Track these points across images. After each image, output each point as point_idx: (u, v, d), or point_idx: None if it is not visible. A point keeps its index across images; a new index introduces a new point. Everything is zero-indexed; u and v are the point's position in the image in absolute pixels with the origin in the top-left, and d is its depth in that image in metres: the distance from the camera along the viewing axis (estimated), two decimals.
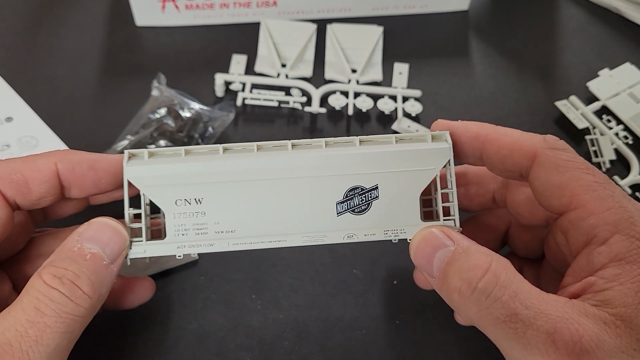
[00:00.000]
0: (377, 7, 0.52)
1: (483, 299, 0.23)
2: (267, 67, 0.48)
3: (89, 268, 0.24)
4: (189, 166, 0.27)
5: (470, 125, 0.28)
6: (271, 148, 0.27)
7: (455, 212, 0.27)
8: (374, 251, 0.38)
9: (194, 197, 0.27)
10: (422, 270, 0.26)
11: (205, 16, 0.51)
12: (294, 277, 0.37)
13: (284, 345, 0.35)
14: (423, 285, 0.32)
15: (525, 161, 0.26)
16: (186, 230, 0.27)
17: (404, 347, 0.35)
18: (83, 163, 0.27)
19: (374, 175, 0.27)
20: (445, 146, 0.27)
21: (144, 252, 0.27)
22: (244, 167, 0.27)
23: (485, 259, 0.24)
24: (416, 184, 0.27)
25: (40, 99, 0.46)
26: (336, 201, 0.27)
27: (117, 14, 0.52)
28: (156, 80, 0.45)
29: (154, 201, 0.27)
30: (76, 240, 0.25)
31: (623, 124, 0.45)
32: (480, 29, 0.53)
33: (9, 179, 0.26)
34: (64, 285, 0.23)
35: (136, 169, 0.27)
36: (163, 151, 0.27)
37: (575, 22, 0.53)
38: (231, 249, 0.27)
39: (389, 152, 0.27)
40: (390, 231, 0.27)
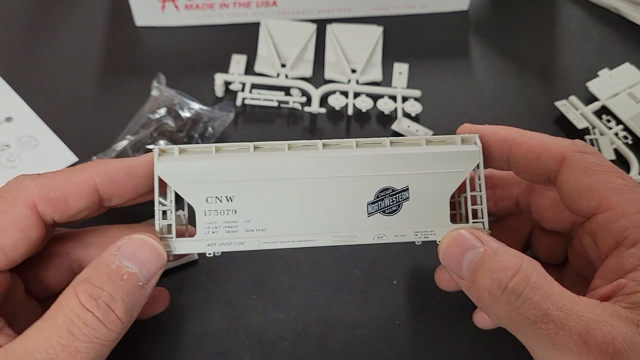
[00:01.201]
0: (377, 7, 0.52)
1: (514, 299, 0.23)
2: (266, 67, 0.48)
3: (125, 289, 0.24)
4: (220, 163, 0.27)
5: (497, 129, 0.28)
6: (302, 147, 0.27)
7: (484, 214, 0.28)
8: (374, 251, 0.38)
9: (225, 194, 0.27)
10: (450, 271, 0.26)
11: (205, 16, 0.51)
12: (294, 277, 0.37)
13: (284, 345, 0.35)
14: (444, 285, 0.32)
15: (554, 164, 0.26)
16: (216, 228, 0.27)
17: (404, 347, 0.35)
18: (120, 173, 0.26)
19: (405, 177, 0.27)
20: (475, 149, 0.27)
21: (174, 249, 0.27)
22: (275, 165, 0.27)
23: (515, 260, 0.24)
24: (446, 186, 0.27)
25: (39, 99, 0.46)
26: (367, 202, 0.27)
27: (117, 14, 0.52)
28: (156, 80, 0.45)
29: (185, 198, 0.27)
30: (114, 256, 0.24)
31: (623, 124, 0.45)
32: (480, 29, 0.53)
33: (47, 197, 0.25)
34: (99, 308, 0.23)
35: (167, 165, 0.26)
36: (193, 148, 0.27)
37: (575, 22, 0.53)
38: (262, 247, 0.27)
39: (419, 153, 0.27)
40: (419, 233, 0.27)
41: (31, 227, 0.24)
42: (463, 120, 0.46)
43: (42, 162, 0.42)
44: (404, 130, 0.44)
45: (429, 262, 0.38)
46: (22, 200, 0.24)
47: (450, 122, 0.46)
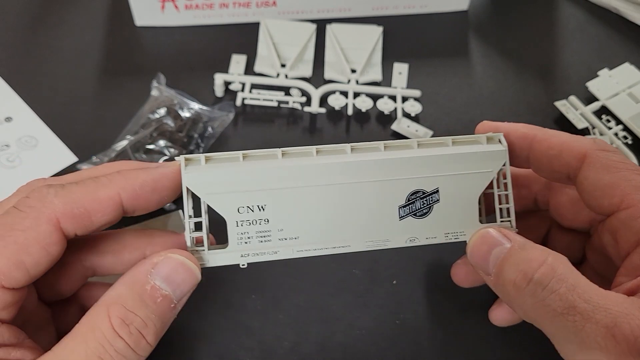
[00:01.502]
0: (376, 7, 0.52)
1: (539, 290, 0.23)
2: (266, 67, 0.48)
3: (157, 313, 0.23)
4: (250, 171, 0.26)
5: (517, 126, 0.28)
6: (329, 152, 0.27)
7: (511, 213, 0.28)
8: (374, 251, 0.38)
9: (257, 203, 0.26)
10: (478, 269, 0.26)
11: (205, 16, 0.51)
12: (294, 277, 0.37)
13: (284, 346, 0.35)
14: (461, 281, 0.32)
15: (575, 162, 0.26)
16: (249, 239, 0.26)
17: (404, 347, 0.35)
18: (145, 186, 0.25)
19: (434, 179, 0.27)
20: (501, 148, 0.27)
21: (207, 262, 0.26)
22: (306, 171, 0.26)
23: (541, 252, 0.24)
24: (475, 186, 0.27)
25: (39, 99, 0.46)
26: (398, 205, 0.27)
27: (116, 14, 0.52)
28: (156, 80, 0.45)
29: (215, 209, 0.26)
30: (149, 275, 0.24)
31: (622, 124, 0.45)
32: (480, 29, 0.53)
33: (71, 213, 0.24)
34: (130, 336, 0.22)
35: (195, 176, 0.26)
36: (219, 155, 0.26)
37: (575, 22, 0.53)
38: (296, 256, 0.27)
39: (448, 155, 0.27)
40: (450, 234, 0.27)
41: (54, 244, 0.24)
42: (463, 120, 0.46)
43: (42, 162, 0.42)
44: (403, 131, 0.44)
45: (429, 262, 0.38)
46: (46, 217, 0.24)
47: (450, 122, 0.46)
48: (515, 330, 0.34)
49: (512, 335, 0.35)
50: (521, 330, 0.32)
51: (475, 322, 0.35)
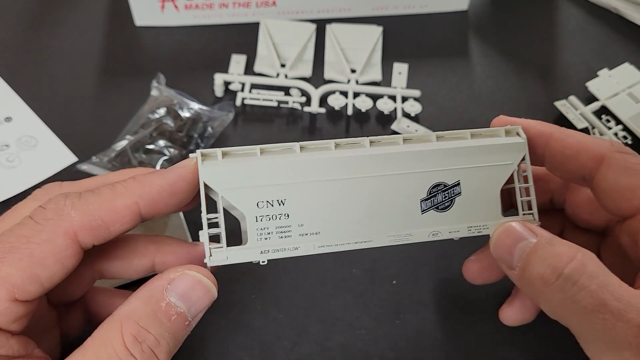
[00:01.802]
0: (376, 7, 0.52)
1: (569, 286, 0.22)
2: (266, 67, 0.48)
3: (171, 331, 0.23)
4: (269, 165, 0.25)
5: (533, 123, 0.27)
6: (348, 145, 0.27)
7: (533, 206, 0.27)
8: (373, 251, 0.38)
9: (276, 198, 0.25)
10: (501, 262, 0.25)
11: (205, 16, 0.51)
12: (294, 276, 0.37)
13: (284, 345, 0.35)
14: (473, 277, 0.31)
15: (592, 163, 0.26)
16: (269, 234, 0.26)
17: (404, 347, 0.35)
18: (163, 192, 0.25)
19: (455, 171, 0.27)
20: (520, 141, 0.27)
21: (226, 259, 0.25)
22: (326, 165, 0.26)
23: (570, 248, 0.23)
24: (496, 179, 0.27)
25: (39, 99, 0.46)
26: (420, 198, 0.27)
27: (116, 13, 0.52)
28: (155, 80, 0.45)
29: (234, 204, 0.25)
30: (165, 291, 0.23)
31: (622, 124, 0.45)
32: (480, 29, 0.53)
33: (88, 226, 0.23)
34: (143, 354, 0.22)
35: (213, 170, 0.25)
36: (236, 150, 0.26)
37: (575, 22, 0.53)
38: (317, 252, 0.26)
39: (468, 147, 0.27)
40: (473, 227, 0.27)
41: (69, 257, 0.23)
42: (463, 120, 0.46)
43: (42, 162, 0.42)
44: (403, 131, 0.44)
45: (429, 262, 0.38)
46: (63, 230, 0.23)
47: (450, 122, 0.46)
48: (515, 330, 0.34)
49: (512, 335, 0.35)
50: (521, 330, 0.32)
51: (475, 322, 0.35)
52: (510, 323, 0.31)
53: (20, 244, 0.23)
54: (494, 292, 0.36)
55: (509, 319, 0.31)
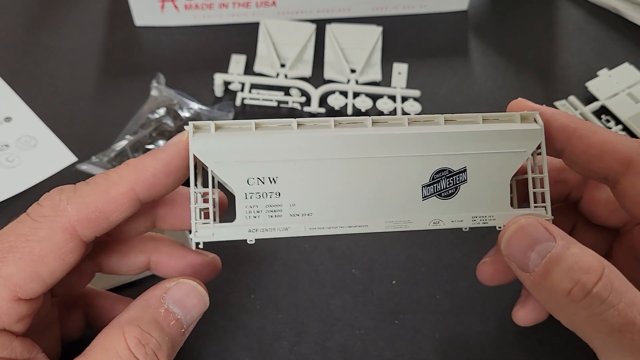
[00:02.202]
0: (376, 7, 0.52)
1: (597, 304, 0.21)
2: (266, 67, 0.48)
3: (170, 337, 0.23)
4: (263, 140, 0.24)
5: (557, 114, 0.26)
6: (349, 124, 0.25)
7: (546, 198, 0.26)
8: (373, 251, 0.38)
9: (268, 175, 0.24)
10: (512, 262, 0.24)
11: (205, 16, 0.51)
12: (293, 277, 0.37)
13: (283, 345, 0.35)
14: (489, 280, 0.30)
15: (618, 166, 0.24)
16: (258, 213, 0.25)
17: (403, 347, 0.35)
18: (158, 174, 0.24)
19: (462, 157, 0.25)
20: (536, 127, 0.25)
21: (212, 236, 0.24)
22: (323, 143, 0.24)
23: (597, 262, 0.22)
24: (506, 167, 0.25)
25: (39, 99, 0.46)
26: (422, 184, 0.25)
27: (116, 13, 0.52)
28: (155, 80, 0.45)
29: (223, 179, 0.24)
30: (162, 299, 0.24)
31: (622, 124, 0.45)
32: (479, 29, 0.53)
33: (86, 219, 0.23)
34: (146, 357, 0.22)
35: (204, 143, 0.24)
36: (231, 124, 0.25)
37: (574, 22, 0.53)
38: (308, 233, 0.25)
39: (477, 132, 0.25)
40: (478, 218, 0.25)
41: (70, 252, 0.23)
42: None
43: (42, 162, 0.42)
44: None
45: (429, 262, 0.38)
46: (61, 226, 0.23)
47: None
48: (514, 330, 0.34)
49: (512, 335, 0.35)
50: (521, 329, 0.32)
51: (475, 322, 0.35)
52: (525, 324, 0.30)
53: (19, 243, 0.23)
54: (493, 292, 0.36)
55: (524, 320, 0.30)
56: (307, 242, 0.39)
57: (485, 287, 0.33)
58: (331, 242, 0.39)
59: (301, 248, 0.38)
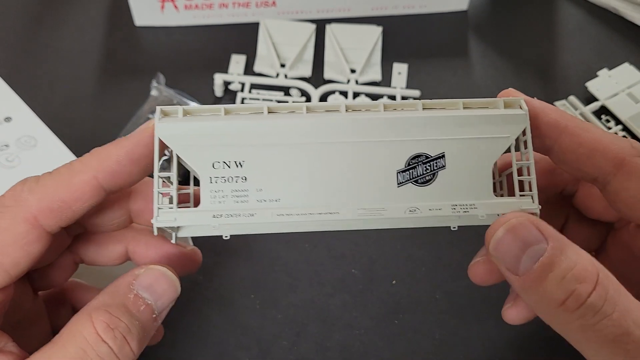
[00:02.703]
0: (376, 7, 0.52)
1: (590, 315, 0.20)
2: (266, 67, 0.48)
3: (140, 321, 0.23)
4: (230, 124, 0.24)
5: (549, 109, 0.25)
6: (322, 110, 0.25)
7: (533, 187, 0.24)
8: (373, 251, 0.38)
9: (234, 159, 0.24)
10: (500, 263, 0.23)
11: (205, 16, 0.51)
12: (292, 276, 0.37)
13: (283, 345, 0.35)
14: (481, 280, 0.29)
15: (609, 167, 0.23)
16: (224, 198, 0.24)
17: (403, 347, 0.35)
18: (122, 162, 0.24)
19: (440, 142, 0.24)
20: (520, 112, 0.24)
21: (174, 221, 0.24)
22: (293, 128, 0.24)
23: (591, 268, 0.21)
24: (488, 153, 0.24)
25: (39, 99, 0.46)
26: (397, 170, 0.24)
27: (116, 13, 0.52)
28: (155, 80, 0.45)
29: (188, 163, 0.24)
30: (132, 285, 0.23)
31: (622, 124, 0.45)
32: (479, 29, 0.53)
33: (48, 209, 0.23)
34: (115, 340, 0.22)
35: (169, 127, 0.24)
36: (200, 110, 0.24)
37: (574, 22, 0.53)
38: (275, 220, 0.24)
39: (456, 116, 0.24)
40: (458, 206, 0.24)
41: (32, 243, 0.23)
42: None
43: (42, 162, 0.42)
44: None
45: (428, 262, 0.38)
46: (22, 216, 0.23)
47: None
48: (514, 330, 0.34)
49: (511, 335, 0.35)
50: (521, 329, 0.32)
51: (474, 322, 0.35)
52: (516, 322, 0.29)
53: None
54: (493, 292, 0.36)
55: (515, 319, 0.29)
56: (307, 241, 0.39)
57: (485, 287, 0.33)
58: (331, 241, 0.39)
59: (301, 247, 0.38)
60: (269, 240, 0.38)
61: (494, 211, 0.24)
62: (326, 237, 0.39)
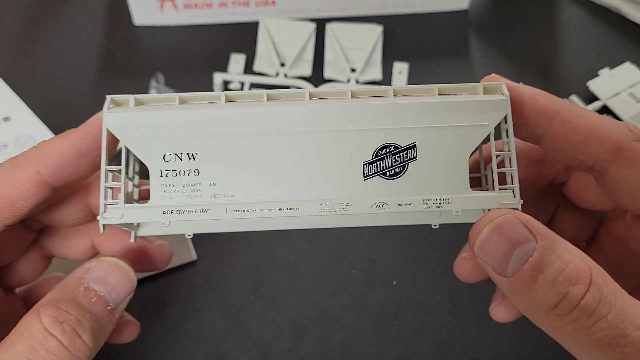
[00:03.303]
0: (376, 6, 0.52)
1: (584, 318, 0.19)
2: (266, 66, 0.47)
3: (93, 313, 0.22)
4: (183, 114, 0.22)
5: (536, 94, 0.23)
6: (285, 98, 0.23)
7: (514, 180, 0.22)
8: (373, 251, 0.38)
9: (186, 151, 0.22)
10: (486, 264, 0.21)
11: (204, 15, 0.51)
12: (292, 277, 0.37)
13: (283, 346, 0.34)
14: (467, 277, 0.28)
15: (606, 154, 0.22)
16: (175, 192, 0.22)
17: (403, 348, 0.34)
18: (67, 155, 0.23)
19: (411, 131, 0.22)
20: (501, 98, 0.22)
21: (121, 217, 0.22)
22: (250, 117, 0.22)
23: (584, 267, 0.19)
24: (464, 143, 0.22)
25: (37, 99, 0.45)
26: (363, 162, 0.22)
27: (115, 13, 0.52)
28: (154, 80, 0.45)
29: (137, 155, 0.22)
30: (82, 278, 0.23)
31: None
32: (480, 28, 0.52)
33: None
34: (64, 333, 0.21)
35: (118, 116, 0.22)
36: (153, 99, 0.23)
37: (576, 22, 0.53)
38: (230, 217, 0.22)
39: (429, 102, 0.22)
40: (431, 201, 0.22)
41: None
42: None
43: None
44: None
45: (429, 263, 0.38)
46: None
47: None
48: (514, 331, 0.34)
49: (511, 336, 0.35)
50: (520, 330, 0.32)
51: (475, 323, 0.35)
52: (503, 321, 0.28)
53: None
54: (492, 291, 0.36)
55: (504, 317, 0.28)
56: (307, 242, 0.38)
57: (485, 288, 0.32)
58: (331, 242, 0.39)
59: (301, 248, 0.38)
60: (268, 240, 0.38)
61: (470, 206, 0.22)
62: (326, 237, 0.39)
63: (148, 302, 0.33)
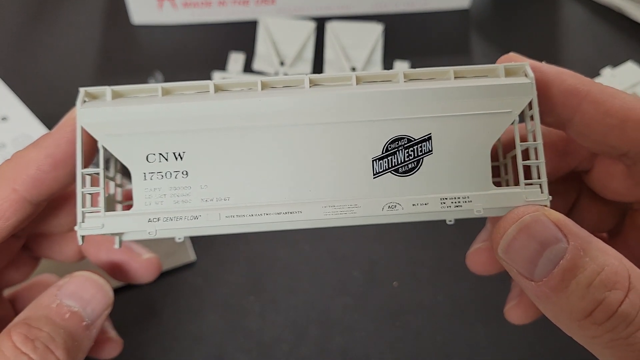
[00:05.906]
0: (377, 5, 0.51)
1: (622, 327, 0.17)
2: (265, 65, 0.47)
3: (67, 329, 0.21)
4: (168, 107, 0.20)
5: (563, 73, 0.21)
6: (282, 86, 0.21)
7: (541, 174, 0.20)
8: (374, 252, 0.38)
9: (172, 150, 0.20)
10: (512, 267, 0.19)
11: (203, 14, 0.50)
12: (292, 278, 0.37)
13: (282, 348, 0.34)
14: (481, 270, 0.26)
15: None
16: (161, 197, 0.20)
17: (404, 349, 0.34)
18: (43, 167, 0.21)
19: (425, 121, 0.20)
20: (525, 81, 0.20)
21: (102, 227, 0.20)
22: (243, 109, 0.20)
23: (621, 270, 0.18)
24: (485, 133, 0.20)
25: (35, 98, 0.45)
26: (372, 157, 0.20)
27: (113, 12, 0.51)
28: (153, 79, 0.45)
29: (117, 155, 0.20)
30: (55, 295, 0.22)
31: None
32: (481, 27, 0.52)
33: None
34: (36, 350, 0.20)
35: (93, 112, 0.20)
36: (133, 90, 0.20)
37: (577, 21, 0.53)
38: (224, 223, 0.20)
39: (446, 88, 0.20)
40: (449, 200, 0.20)
41: None
42: None
43: None
44: None
45: (430, 263, 0.37)
46: None
47: None
48: (515, 331, 0.33)
49: (512, 337, 0.34)
50: (521, 331, 0.32)
51: (476, 324, 0.35)
52: (520, 323, 0.27)
53: None
54: (494, 292, 0.35)
55: (519, 319, 0.27)
56: (307, 242, 0.38)
57: (487, 288, 0.32)
58: (332, 242, 0.38)
59: (301, 249, 0.38)
60: (269, 241, 0.38)
61: (493, 204, 0.20)
62: (326, 238, 0.38)
63: (147, 303, 0.33)
